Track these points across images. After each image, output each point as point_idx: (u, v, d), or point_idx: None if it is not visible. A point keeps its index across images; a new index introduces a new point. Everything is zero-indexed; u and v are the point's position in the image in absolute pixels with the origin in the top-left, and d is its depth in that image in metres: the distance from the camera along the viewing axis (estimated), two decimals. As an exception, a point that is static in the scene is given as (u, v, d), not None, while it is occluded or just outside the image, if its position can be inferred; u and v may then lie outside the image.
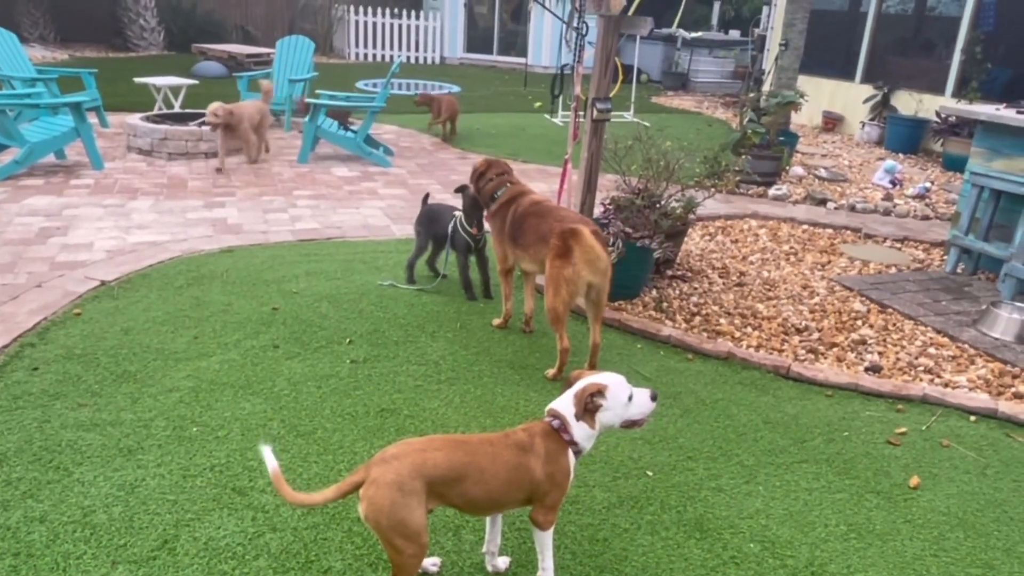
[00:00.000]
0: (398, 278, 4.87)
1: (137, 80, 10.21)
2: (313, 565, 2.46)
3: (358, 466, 2.93)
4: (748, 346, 4.26)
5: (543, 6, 5.35)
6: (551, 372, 3.81)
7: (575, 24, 4.81)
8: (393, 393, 3.54)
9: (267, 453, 2.13)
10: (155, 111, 9.21)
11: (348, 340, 4.04)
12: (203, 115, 8.38)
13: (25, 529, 2.54)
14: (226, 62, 14.22)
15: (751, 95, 9.17)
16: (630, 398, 2.27)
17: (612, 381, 2.25)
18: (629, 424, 2.31)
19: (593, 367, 3.78)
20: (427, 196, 5.00)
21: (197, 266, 4.96)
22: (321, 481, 2.88)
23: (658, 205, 4.91)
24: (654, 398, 2.32)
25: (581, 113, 5.01)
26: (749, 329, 4.47)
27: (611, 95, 4.93)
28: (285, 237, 5.70)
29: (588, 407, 2.22)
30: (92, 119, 8.10)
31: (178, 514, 2.65)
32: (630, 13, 5.76)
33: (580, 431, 2.23)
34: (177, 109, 9.55)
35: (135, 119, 8.25)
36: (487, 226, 4.35)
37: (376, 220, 6.30)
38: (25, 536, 2.51)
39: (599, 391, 2.22)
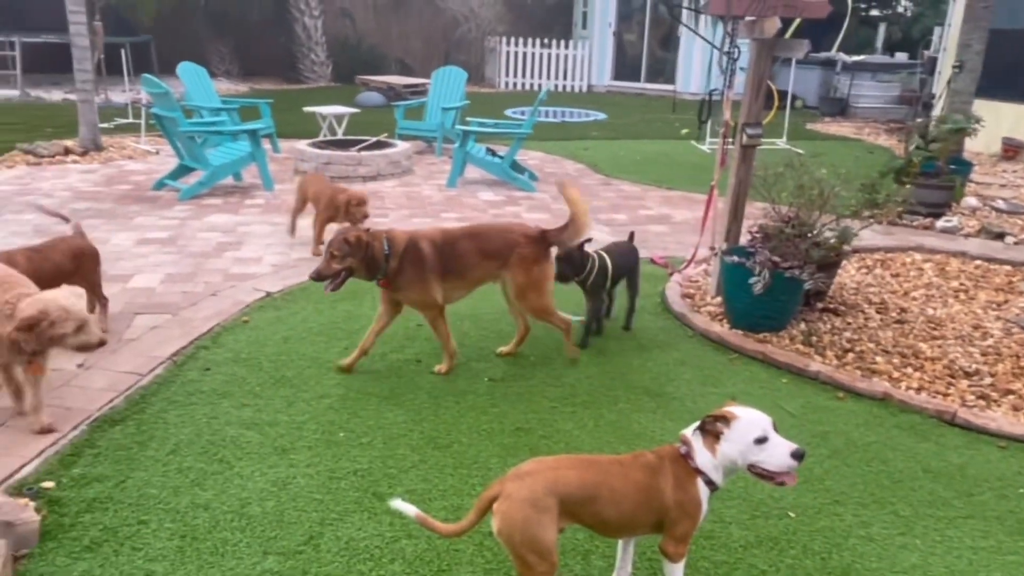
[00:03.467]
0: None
1: (306, 109, 11.05)
2: (444, 575, 2.52)
3: (491, 482, 2.98)
4: (908, 387, 3.95)
5: (694, 32, 5.29)
6: (571, 350, 4.11)
7: (727, 48, 4.71)
8: (528, 413, 3.58)
9: (401, 505, 2.19)
10: (320, 137, 9.91)
11: (486, 359, 4.13)
12: (363, 141, 8.93)
13: (191, 514, 2.79)
14: (385, 92, 15.09)
15: (919, 120, 8.58)
16: (759, 440, 2.10)
17: (746, 415, 2.14)
18: (762, 474, 2.13)
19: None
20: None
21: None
22: (456, 493, 2.95)
23: (810, 235, 4.68)
24: (796, 456, 2.09)
25: (730, 139, 4.89)
26: (909, 369, 4.14)
27: (765, 121, 4.78)
28: (432, 257, 5.92)
29: (707, 428, 2.14)
30: (266, 145, 8.84)
31: (323, 513, 2.81)
32: (787, 36, 5.58)
33: (703, 457, 2.16)
34: (340, 136, 10.22)
35: (302, 145, 8.92)
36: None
37: (518, 243, 6.41)
38: (191, 520, 2.75)
39: (723, 417, 2.14)
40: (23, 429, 3.24)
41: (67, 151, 9.04)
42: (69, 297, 3.11)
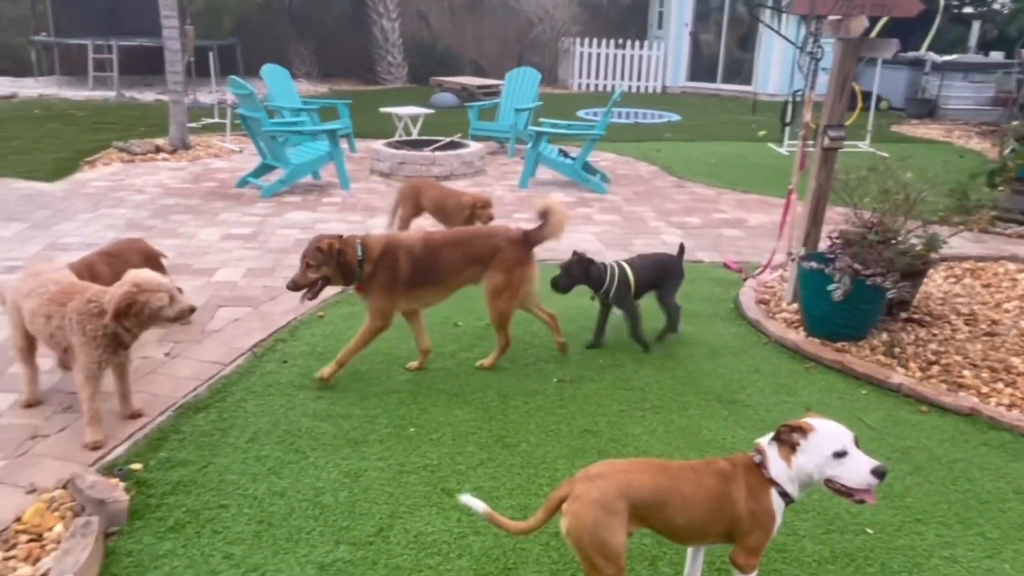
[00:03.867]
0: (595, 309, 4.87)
1: (382, 110, 11.28)
2: (511, 573, 2.53)
3: (558, 483, 2.98)
4: (998, 404, 3.75)
5: (776, 32, 5.17)
6: (490, 363, 4.01)
7: (809, 48, 4.58)
8: (597, 415, 3.57)
9: (470, 500, 2.21)
10: (395, 138, 10.10)
11: (556, 359, 4.13)
12: (437, 141, 9.07)
13: (268, 501, 2.89)
14: (459, 93, 15.25)
15: (1015, 123, 8.15)
16: (838, 455, 2.04)
17: (824, 427, 2.08)
18: (839, 490, 2.08)
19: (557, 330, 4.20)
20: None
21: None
22: (523, 493, 2.97)
23: (894, 241, 4.51)
24: (877, 474, 2.02)
25: (811, 141, 4.76)
26: (1000, 385, 3.94)
27: (847, 123, 4.63)
28: (502, 257, 5.95)
29: (783, 438, 2.09)
30: (343, 145, 9.05)
31: (393, 506, 2.87)
32: (872, 35, 5.39)
33: (777, 467, 2.11)
34: (414, 136, 10.39)
35: (378, 145, 9.11)
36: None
37: (589, 245, 6.39)
38: (268, 507, 2.85)
39: (800, 428, 2.08)
40: (115, 413, 3.41)
41: (158, 149, 9.49)
42: (150, 272, 3.24)
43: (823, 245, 4.71)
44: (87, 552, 2.46)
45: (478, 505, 2.18)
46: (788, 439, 2.09)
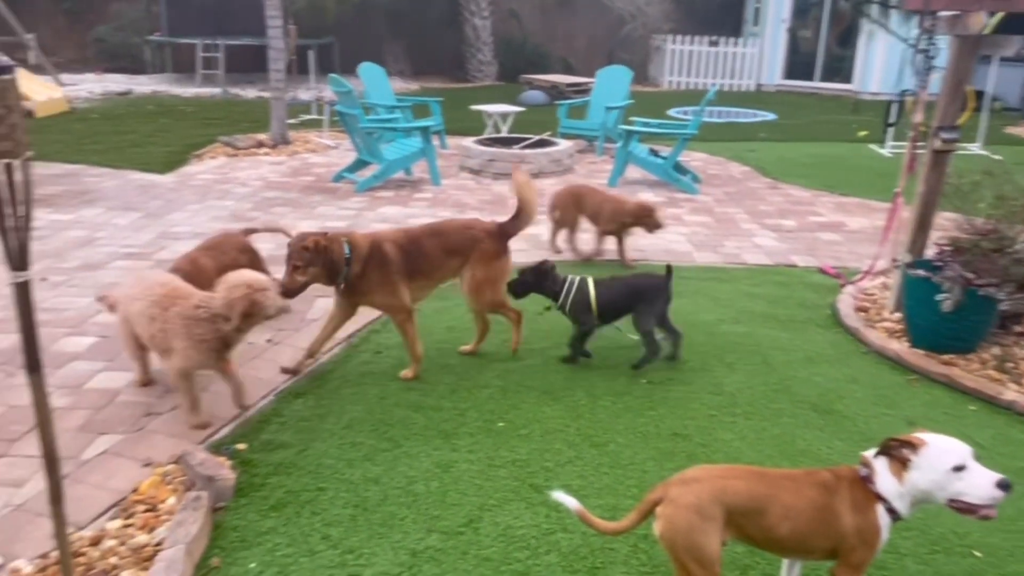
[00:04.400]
0: (684, 310, 4.81)
1: (472, 107, 11.42)
2: (599, 572, 2.54)
3: (646, 485, 2.96)
4: (1124, 427, 3.50)
5: (886, 29, 4.96)
6: (517, 342, 4.14)
7: (923, 46, 4.38)
8: (686, 419, 3.53)
9: (562, 497, 2.22)
10: (485, 135, 10.20)
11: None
12: (526, 139, 9.11)
13: (363, 487, 2.99)
14: (548, 91, 15.26)
15: None
16: (957, 469, 1.96)
17: (937, 441, 2.00)
18: (960, 507, 2.00)
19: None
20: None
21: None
22: (610, 493, 2.97)
23: (1010, 250, 4.26)
24: (1002, 487, 1.94)
25: (921, 143, 4.55)
26: None
27: (959, 123, 4.41)
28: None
29: (892, 453, 2.01)
30: (435, 141, 9.21)
31: (482, 498, 2.92)
32: (987, 30, 5.09)
33: (886, 482, 2.03)
34: (504, 133, 10.47)
35: (468, 142, 9.24)
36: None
37: (678, 246, 6.31)
38: (363, 492, 2.95)
39: (910, 443, 2.00)
40: (224, 395, 3.57)
41: (260, 144, 9.91)
42: (247, 271, 3.36)
43: (930, 252, 4.50)
44: (198, 525, 2.62)
45: (570, 502, 2.20)
46: (898, 454, 2.02)
